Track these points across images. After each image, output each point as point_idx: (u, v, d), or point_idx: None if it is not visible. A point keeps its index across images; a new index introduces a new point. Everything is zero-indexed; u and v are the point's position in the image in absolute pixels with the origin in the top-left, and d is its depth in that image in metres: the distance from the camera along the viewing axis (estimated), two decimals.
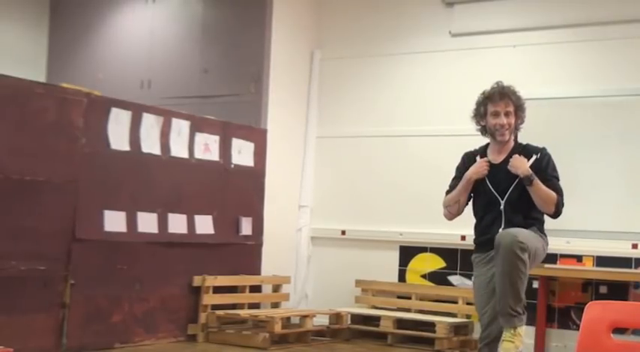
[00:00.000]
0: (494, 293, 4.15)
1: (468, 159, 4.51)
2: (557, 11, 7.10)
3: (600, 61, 6.90)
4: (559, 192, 4.29)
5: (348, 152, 7.99)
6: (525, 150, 4.37)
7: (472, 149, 4.57)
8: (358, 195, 7.88)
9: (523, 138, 4.80)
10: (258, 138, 7.50)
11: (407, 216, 7.56)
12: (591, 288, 6.71)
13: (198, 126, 6.89)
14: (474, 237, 4.44)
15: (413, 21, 7.79)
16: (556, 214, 4.28)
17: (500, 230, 4.22)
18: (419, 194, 7.44)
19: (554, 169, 4.40)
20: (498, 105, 4.31)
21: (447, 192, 4.51)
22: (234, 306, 7.03)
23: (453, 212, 4.45)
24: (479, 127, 4.49)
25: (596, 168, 6.73)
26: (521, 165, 4.22)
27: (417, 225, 7.49)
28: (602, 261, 6.65)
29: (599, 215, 6.67)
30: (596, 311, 2.85)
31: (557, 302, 6.82)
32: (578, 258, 6.76)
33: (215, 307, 6.81)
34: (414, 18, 7.79)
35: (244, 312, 6.92)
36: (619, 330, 2.96)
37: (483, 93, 4.45)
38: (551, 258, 6.80)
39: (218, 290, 6.86)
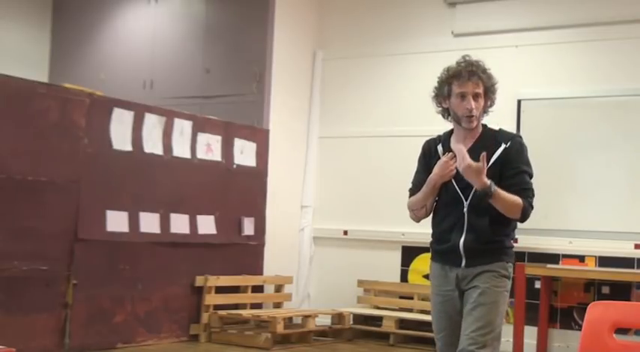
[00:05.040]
0: (452, 319, 3.55)
1: (429, 150, 3.72)
2: (560, 11, 7.09)
3: (603, 61, 6.89)
4: (527, 192, 3.46)
5: (351, 152, 7.99)
6: (495, 137, 3.56)
7: (434, 136, 3.78)
8: (360, 195, 7.87)
9: (525, 138, 4.69)
10: (261, 138, 7.50)
11: (409, 216, 7.55)
12: (594, 288, 6.70)
13: (200, 126, 6.90)
14: (430, 239, 3.74)
15: (415, 21, 7.79)
16: (522, 220, 3.48)
17: (462, 240, 3.47)
18: None
19: (527, 162, 3.53)
20: (466, 85, 3.54)
21: (411, 191, 3.80)
22: (236, 306, 7.03)
23: (420, 216, 3.77)
24: (439, 109, 3.73)
25: (599, 168, 6.73)
26: (475, 177, 3.36)
27: (419, 226, 7.40)
28: (604, 261, 6.64)
29: (601, 215, 6.66)
30: (598, 312, 2.84)
31: (559, 302, 6.81)
32: (581, 258, 6.75)
33: (217, 307, 6.82)
34: (417, 18, 7.79)
35: (246, 312, 6.92)
36: (621, 330, 2.95)
37: (447, 69, 3.65)
38: (554, 258, 6.80)
39: (220, 290, 6.86)
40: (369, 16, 8.04)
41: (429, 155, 3.71)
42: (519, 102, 6.98)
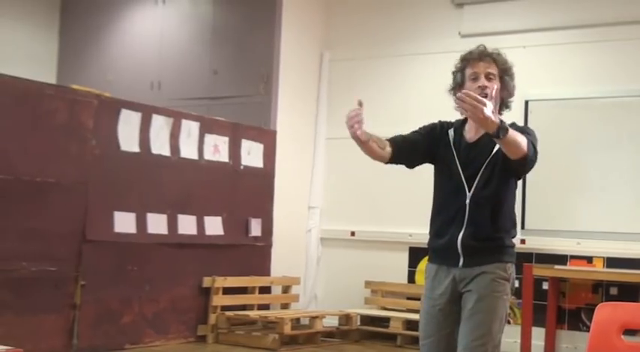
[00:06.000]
0: (441, 325, 3.33)
1: (440, 129, 3.63)
2: (567, 12, 7.08)
3: (610, 62, 6.88)
4: (531, 143, 3.19)
5: (358, 153, 7.87)
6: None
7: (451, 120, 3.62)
8: (368, 196, 7.87)
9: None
10: (268, 139, 7.50)
11: (416, 217, 7.47)
12: (602, 290, 6.69)
13: (207, 127, 6.90)
14: (428, 236, 3.59)
15: (422, 22, 7.79)
16: (526, 163, 3.18)
17: (461, 235, 3.31)
18: (428, 195, 7.39)
19: (534, 137, 3.30)
20: (477, 65, 3.46)
21: (392, 138, 3.73)
22: (243, 307, 7.04)
23: (369, 155, 3.72)
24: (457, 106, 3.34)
25: (606, 168, 6.71)
26: (484, 115, 2.94)
27: (426, 227, 7.35)
28: (612, 262, 6.62)
29: (609, 216, 6.65)
30: (606, 313, 2.83)
31: (567, 303, 6.80)
32: (589, 259, 6.73)
33: (225, 308, 6.82)
34: (424, 19, 7.78)
35: (254, 313, 6.92)
36: (630, 332, 2.94)
37: (460, 57, 3.58)
38: (562, 259, 6.79)
39: (228, 291, 6.87)
40: (376, 17, 8.04)
41: (437, 133, 3.62)
42: (527, 102, 6.96)
